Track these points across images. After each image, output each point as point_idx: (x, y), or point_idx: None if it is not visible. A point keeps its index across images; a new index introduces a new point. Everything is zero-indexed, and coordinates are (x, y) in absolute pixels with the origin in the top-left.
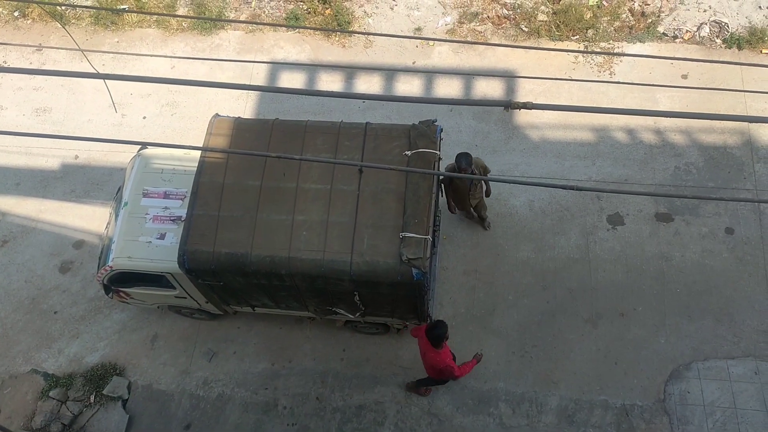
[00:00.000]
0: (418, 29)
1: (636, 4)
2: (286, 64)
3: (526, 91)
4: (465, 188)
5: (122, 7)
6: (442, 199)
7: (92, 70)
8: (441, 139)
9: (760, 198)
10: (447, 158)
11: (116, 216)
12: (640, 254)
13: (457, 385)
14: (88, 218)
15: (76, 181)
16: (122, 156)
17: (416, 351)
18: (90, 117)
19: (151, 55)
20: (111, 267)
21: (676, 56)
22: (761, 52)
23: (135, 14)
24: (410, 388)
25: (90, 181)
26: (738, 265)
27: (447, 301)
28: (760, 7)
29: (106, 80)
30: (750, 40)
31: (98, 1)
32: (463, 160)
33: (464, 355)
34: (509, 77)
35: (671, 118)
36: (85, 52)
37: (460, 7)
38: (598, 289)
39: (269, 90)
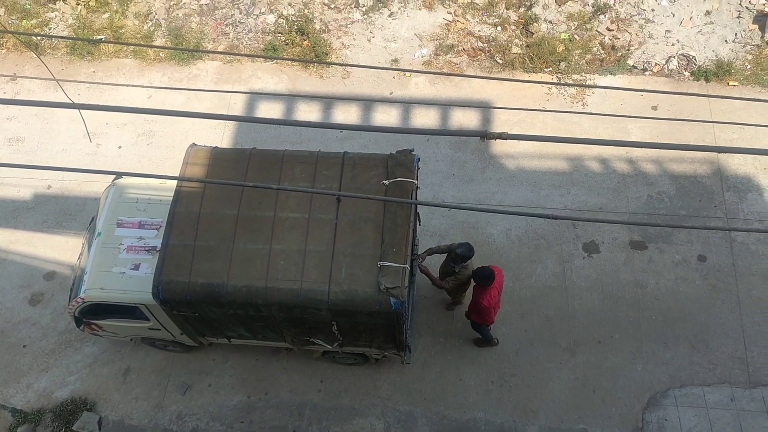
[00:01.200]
0: (395, 61)
1: (606, 38)
2: (264, 94)
3: (501, 121)
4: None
5: (99, 37)
6: (420, 227)
7: (67, 100)
8: (418, 168)
9: (731, 226)
10: (425, 187)
11: (89, 246)
12: (615, 282)
13: (436, 416)
14: (60, 249)
15: (49, 212)
16: (96, 186)
17: (395, 382)
18: (64, 146)
19: (128, 85)
20: (83, 299)
21: (646, 88)
22: (728, 84)
23: (112, 44)
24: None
25: (63, 212)
26: (711, 292)
27: (425, 330)
28: (726, 41)
29: (81, 110)
30: (717, 72)
31: (74, 32)
32: (468, 249)
33: (442, 384)
34: (485, 108)
35: (643, 148)
36: (60, 82)
37: (436, 40)
38: (576, 316)
39: (247, 120)
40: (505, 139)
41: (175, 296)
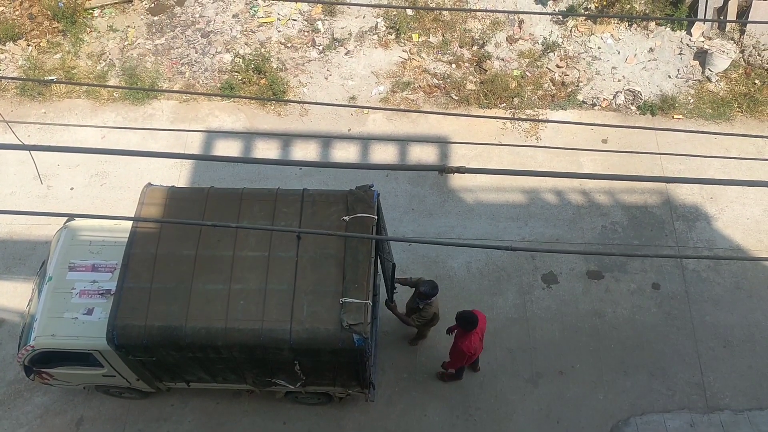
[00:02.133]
0: (353, 98)
1: (556, 75)
2: (222, 132)
3: (458, 156)
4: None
5: (50, 78)
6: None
7: (17, 142)
8: (378, 204)
9: (682, 254)
10: (386, 222)
11: (39, 292)
12: (574, 312)
13: None
14: (9, 295)
15: None
16: (47, 229)
17: (360, 420)
18: (13, 189)
19: (80, 125)
20: (32, 346)
21: (596, 122)
22: (673, 117)
23: (64, 85)
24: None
25: (11, 256)
26: (666, 319)
27: (389, 366)
28: (669, 76)
29: (31, 151)
30: (662, 106)
31: (25, 72)
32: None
33: (407, 421)
34: (442, 143)
35: (596, 180)
36: (9, 123)
37: (393, 77)
38: (537, 348)
39: (204, 158)
40: (463, 173)
41: (131, 341)
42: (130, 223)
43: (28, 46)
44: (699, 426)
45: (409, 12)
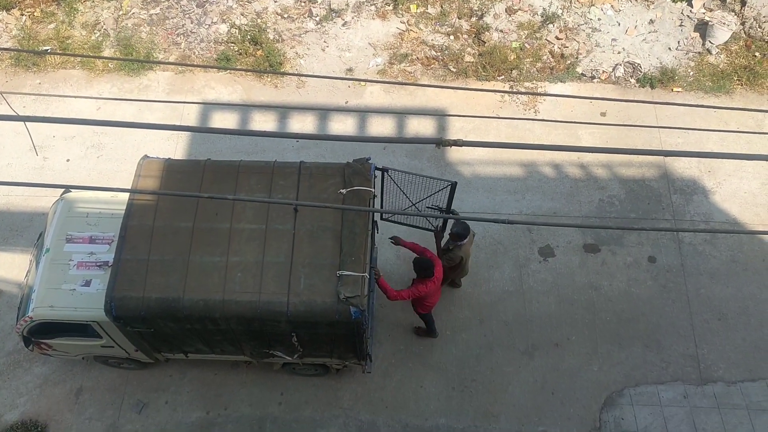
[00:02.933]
0: (350, 70)
1: (556, 47)
2: (218, 104)
3: (456, 129)
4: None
5: (44, 48)
6: (378, 236)
7: (12, 113)
8: (375, 177)
9: (678, 227)
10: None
11: (37, 263)
12: (571, 285)
13: (398, 424)
14: (7, 267)
15: None
16: (44, 201)
17: (357, 391)
18: (9, 161)
19: (76, 97)
20: (31, 317)
21: (595, 95)
22: (672, 90)
23: (58, 56)
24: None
25: (8, 228)
26: (662, 292)
27: (386, 338)
28: (669, 48)
29: (26, 122)
30: (661, 79)
31: (19, 43)
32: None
33: (404, 392)
34: (440, 116)
35: (594, 153)
36: (4, 94)
37: (390, 49)
38: (533, 320)
39: (200, 130)
40: (461, 146)
41: (129, 312)
42: (127, 196)
43: (22, 15)
44: (692, 397)
45: None
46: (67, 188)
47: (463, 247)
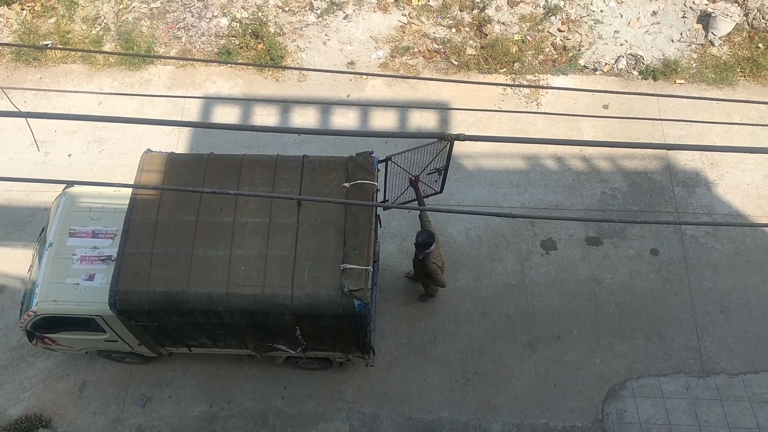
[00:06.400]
0: (351, 63)
1: (558, 39)
2: (219, 98)
3: (458, 122)
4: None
5: (45, 43)
6: (381, 230)
7: (13, 108)
8: (378, 171)
9: (681, 220)
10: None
11: (40, 258)
12: (573, 278)
13: (401, 417)
14: (9, 262)
15: None
16: (46, 195)
17: (360, 385)
18: (10, 156)
19: (77, 92)
20: (35, 312)
21: (597, 88)
22: (675, 82)
23: (59, 50)
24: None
25: (11, 223)
26: (664, 284)
27: (389, 332)
28: (672, 40)
29: (27, 118)
30: (664, 71)
31: (20, 37)
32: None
33: (407, 385)
34: (442, 109)
35: (596, 147)
36: (5, 90)
37: (392, 42)
38: (535, 313)
39: (202, 125)
40: (462, 140)
41: (133, 306)
42: (129, 190)
43: (23, 9)
44: (694, 389)
45: None
46: (70, 183)
47: (434, 254)
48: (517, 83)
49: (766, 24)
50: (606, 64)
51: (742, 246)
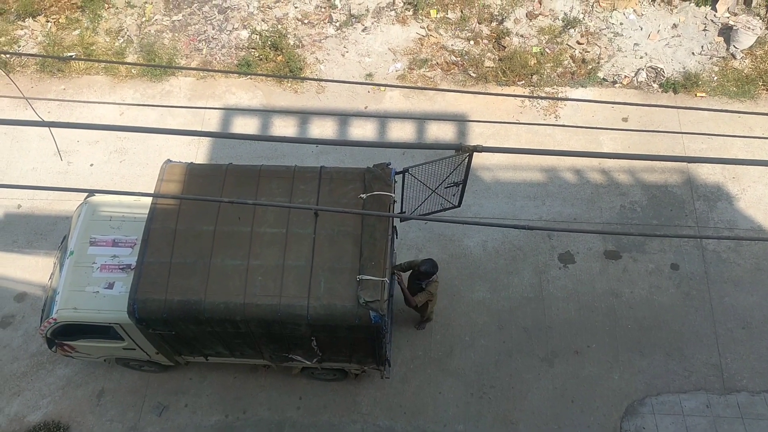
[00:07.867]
0: (370, 75)
1: (577, 52)
2: (239, 109)
3: (476, 134)
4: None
5: (69, 54)
6: (397, 241)
7: (37, 118)
8: (395, 182)
9: (702, 234)
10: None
11: (61, 266)
12: (591, 291)
13: (416, 430)
14: (31, 269)
15: (19, 231)
16: (68, 204)
17: (375, 396)
18: (34, 165)
19: (99, 102)
20: (55, 319)
21: (617, 100)
22: (696, 95)
23: (82, 61)
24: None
25: (33, 231)
26: (685, 300)
27: (404, 343)
28: (692, 53)
29: (51, 128)
30: (685, 84)
31: (44, 49)
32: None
33: (422, 398)
34: (460, 121)
35: (615, 159)
36: (29, 100)
37: (410, 54)
38: (553, 327)
39: (221, 136)
40: (480, 152)
41: (152, 314)
42: (149, 200)
43: (47, 22)
44: (715, 407)
45: None
46: (91, 192)
47: (434, 284)
48: (535, 95)
49: None
50: (625, 76)
51: (765, 261)
